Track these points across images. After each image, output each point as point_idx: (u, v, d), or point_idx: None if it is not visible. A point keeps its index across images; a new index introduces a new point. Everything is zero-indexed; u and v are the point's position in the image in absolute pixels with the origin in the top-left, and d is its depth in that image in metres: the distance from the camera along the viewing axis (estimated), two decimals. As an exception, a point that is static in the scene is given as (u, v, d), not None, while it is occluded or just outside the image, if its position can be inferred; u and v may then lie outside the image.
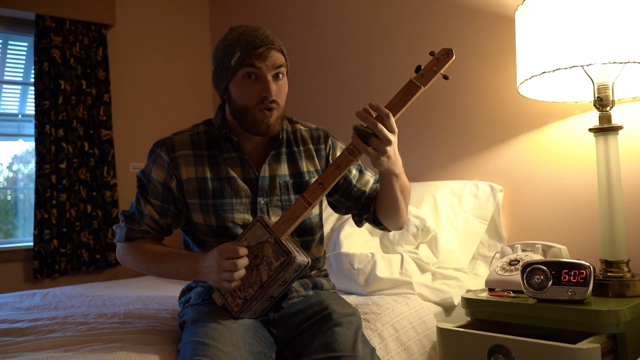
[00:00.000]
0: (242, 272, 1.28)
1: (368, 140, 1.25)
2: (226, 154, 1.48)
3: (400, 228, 1.57)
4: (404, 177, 1.42)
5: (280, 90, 1.41)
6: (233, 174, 1.47)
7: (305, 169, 1.53)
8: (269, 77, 1.38)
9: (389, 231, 1.60)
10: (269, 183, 1.48)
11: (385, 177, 1.38)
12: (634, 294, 1.58)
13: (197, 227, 1.49)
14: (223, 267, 1.27)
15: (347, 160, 1.29)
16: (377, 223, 1.56)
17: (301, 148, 1.55)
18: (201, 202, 1.46)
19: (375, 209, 1.53)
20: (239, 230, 1.44)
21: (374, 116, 1.25)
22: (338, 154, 1.56)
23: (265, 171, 1.48)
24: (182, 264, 1.39)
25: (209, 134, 1.50)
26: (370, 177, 1.58)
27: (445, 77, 1.32)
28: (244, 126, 1.43)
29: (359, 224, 1.62)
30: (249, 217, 1.46)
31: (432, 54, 1.32)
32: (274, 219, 1.45)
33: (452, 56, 1.30)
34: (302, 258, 1.32)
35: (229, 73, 1.39)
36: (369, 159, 1.29)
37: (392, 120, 1.25)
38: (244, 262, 1.28)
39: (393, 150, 1.28)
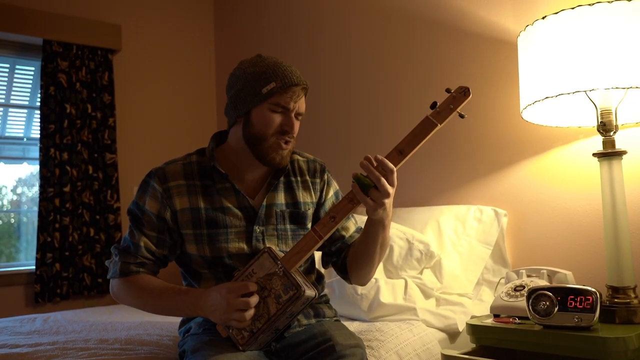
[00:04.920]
0: (252, 311, 1.27)
1: (367, 190, 1.26)
2: (219, 184, 1.47)
3: (363, 284, 1.56)
4: (388, 231, 1.41)
5: (297, 129, 1.44)
6: (227, 203, 1.45)
7: (302, 200, 1.53)
8: (293, 114, 1.41)
9: (350, 282, 1.56)
10: (266, 211, 1.47)
11: (373, 226, 1.37)
12: (642, 320, 1.56)
13: (191, 258, 1.47)
14: (234, 306, 1.25)
15: (347, 208, 1.30)
16: (342, 271, 1.55)
17: (299, 178, 1.55)
18: (195, 232, 1.44)
19: (347, 256, 1.52)
20: (233, 261, 1.43)
21: (375, 166, 1.25)
22: (331, 191, 1.59)
23: (261, 200, 1.48)
24: (182, 300, 1.37)
25: (201, 164, 1.49)
26: (352, 225, 1.58)
27: (461, 116, 1.32)
28: (257, 153, 1.42)
29: (325, 265, 1.61)
30: (243, 246, 1.44)
31: (448, 90, 1.32)
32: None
33: (469, 95, 1.30)
34: (310, 292, 1.31)
35: (257, 99, 1.39)
36: (365, 207, 1.29)
37: (395, 175, 1.26)
38: (255, 300, 1.27)
39: (389, 203, 1.29)
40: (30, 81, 3.30)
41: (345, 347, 1.33)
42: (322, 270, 1.66)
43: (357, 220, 1.61)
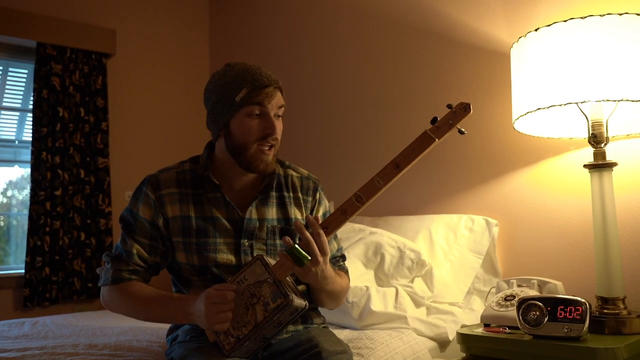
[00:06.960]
0: (230, 314, 1.27)
1: (302, 264, 1.27)
2: (210, 193, 1.47)
3: (332, 309, 1.59)
4: (333, 287, 1.43)
5: (280, 129, 1.43)
6: (217, 214, 1.45)
7: (293, 216, 1.52)
8: (272, 115, 1.40)
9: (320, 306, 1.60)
10: (256, 226, 1.47)
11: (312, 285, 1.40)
12: (631, 331, 1.57)
13: (180, 266, 1.47)
14: (213, 311, 1.26)
15: (339, 219, 1.31)
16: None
17: (291, 194, 1.54)
18: (184, 240, 1.44)
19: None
20: (221, 271, 1.43)
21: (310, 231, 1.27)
22: (321, 210, 1.59)
23: (251, 213, 1.47)
24: (174, 307, 1.37)
25: (194, 173, 1.49)
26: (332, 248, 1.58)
27: (461, 132, 1.31)
28: (241, 163, 1.42)
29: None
30: (231, 258, 1.44)
31: (449, 106, 1.31)
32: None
33: (470, 111, 1.29)
34: (299, 301, 1.30)
35: (232, 109, 1.39)
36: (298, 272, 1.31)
37: (325, 240, 1.28)
38: (232, 305, 1.28)
39: (321, 269, 1.31)
40: (23, 84, 3.29)
41: (331, 353, 1.32)
42: None
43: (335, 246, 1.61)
